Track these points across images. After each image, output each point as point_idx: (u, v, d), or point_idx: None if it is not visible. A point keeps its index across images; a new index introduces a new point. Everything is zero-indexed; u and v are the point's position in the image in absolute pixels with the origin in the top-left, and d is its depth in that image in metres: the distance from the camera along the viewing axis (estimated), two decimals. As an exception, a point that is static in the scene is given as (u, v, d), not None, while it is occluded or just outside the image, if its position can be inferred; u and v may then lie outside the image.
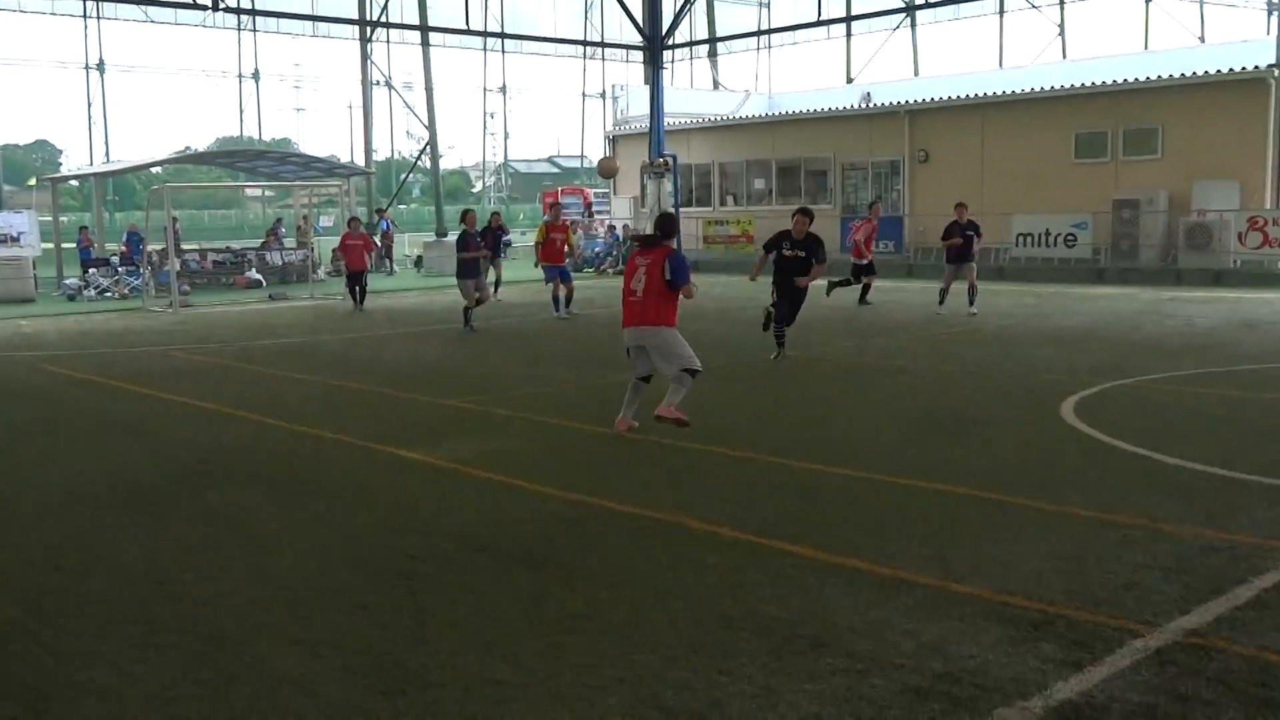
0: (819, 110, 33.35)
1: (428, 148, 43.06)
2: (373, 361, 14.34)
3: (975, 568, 5.52)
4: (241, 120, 44.56)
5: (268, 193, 43.23)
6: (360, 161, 42.49)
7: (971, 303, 17.68)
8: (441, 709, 4.11)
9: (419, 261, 34.35)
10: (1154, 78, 25.95)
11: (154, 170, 43.39)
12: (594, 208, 38.76)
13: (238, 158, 36.79)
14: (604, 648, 4.63)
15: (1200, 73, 25.29)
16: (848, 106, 33.42)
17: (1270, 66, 24.18)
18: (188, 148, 59.45)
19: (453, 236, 37.20)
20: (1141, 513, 6.37)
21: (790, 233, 12.98)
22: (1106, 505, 6.55)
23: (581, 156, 64.27)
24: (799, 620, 4.87)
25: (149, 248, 26.44)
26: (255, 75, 43.54)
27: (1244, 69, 24.54)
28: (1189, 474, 7.31)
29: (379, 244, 34.99)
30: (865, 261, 19.78)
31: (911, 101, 30.88)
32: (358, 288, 21.83)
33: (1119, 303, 19.66)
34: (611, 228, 34.06)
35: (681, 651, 4.58)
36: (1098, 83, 26.94)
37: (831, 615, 4.93)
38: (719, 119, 36.31)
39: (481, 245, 18.59)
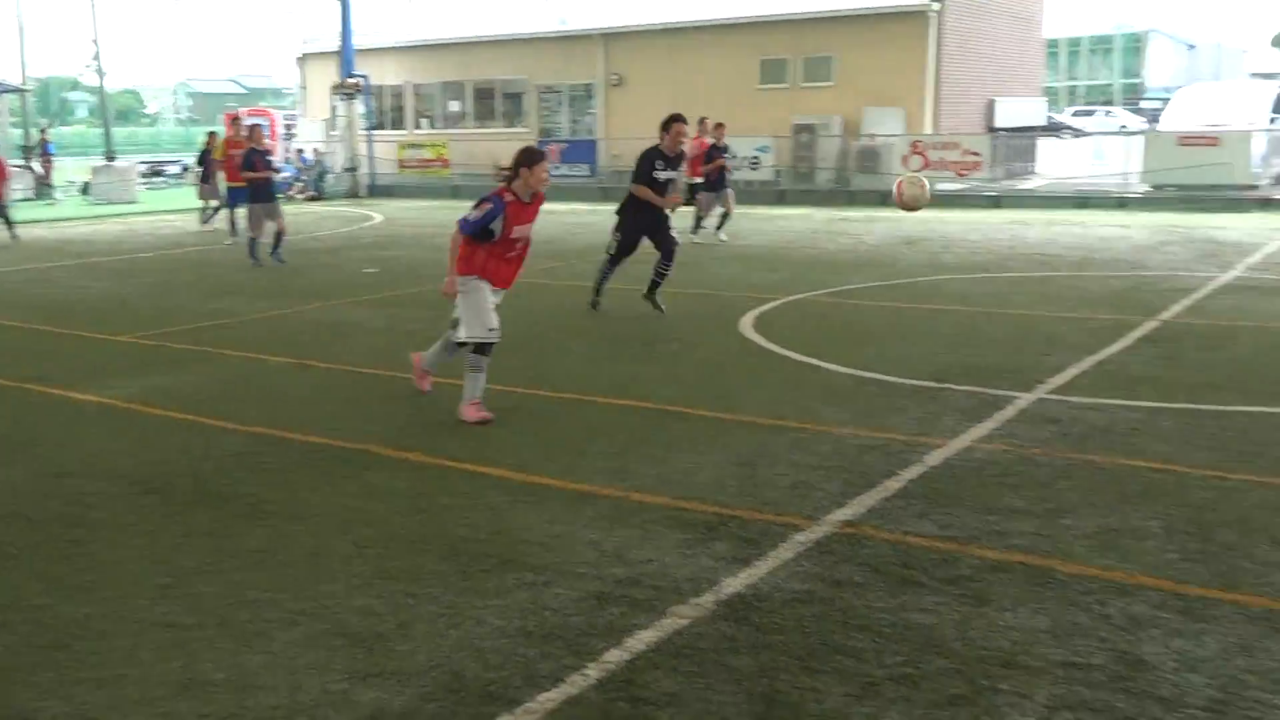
0: (514, 32, 33.05)
1: (93, 64, 39.58)
2: (31, 296, 13.18)
3: (657, 477, 5.76)
4: None
5: (-99, 111, 38.56)
6: (13, 78, 38.54)
7: (695, 231, 17.11)
8: (108, 658, 3.91)
9: (86, 188, 31.69)
10: (829, 9, 27.32)
11: None
12: (290, 131, 36.98)
13: None
14: (286, 582, 4.53)
15: (870, 5, 26.84)
16: (543, 29, 33.29)
17: (930, 0, 25.99)
18: None
19: (122, 161, 34.72)
20: (808, 417, 6.84)
21: (661, 149, 10.56)
22: (778, 412, 6.98)
23: (267, 76, 61.02)
24: (486, 539, 4.94)
25: None
26: (-122, -23, 38.46)
27: (908, 3, 26.25)
28: (852, 379, 7.89)
29: (38, 169, 32.07)
30: (700, 181, 17.90)
31: (606, 25, 31.14)
32: None
33: (797, 222, 20.79)
34: (300, 152, 32.62)
35: (368, 578, 4.55)
36: (780, 12, 28.09)
37: (518, 532, 5.02)
38: (412, 39, 35.31)
39: (271, 165, 15.94)
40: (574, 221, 20.48)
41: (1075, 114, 48.97)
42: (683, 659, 3.81)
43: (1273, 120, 24.55)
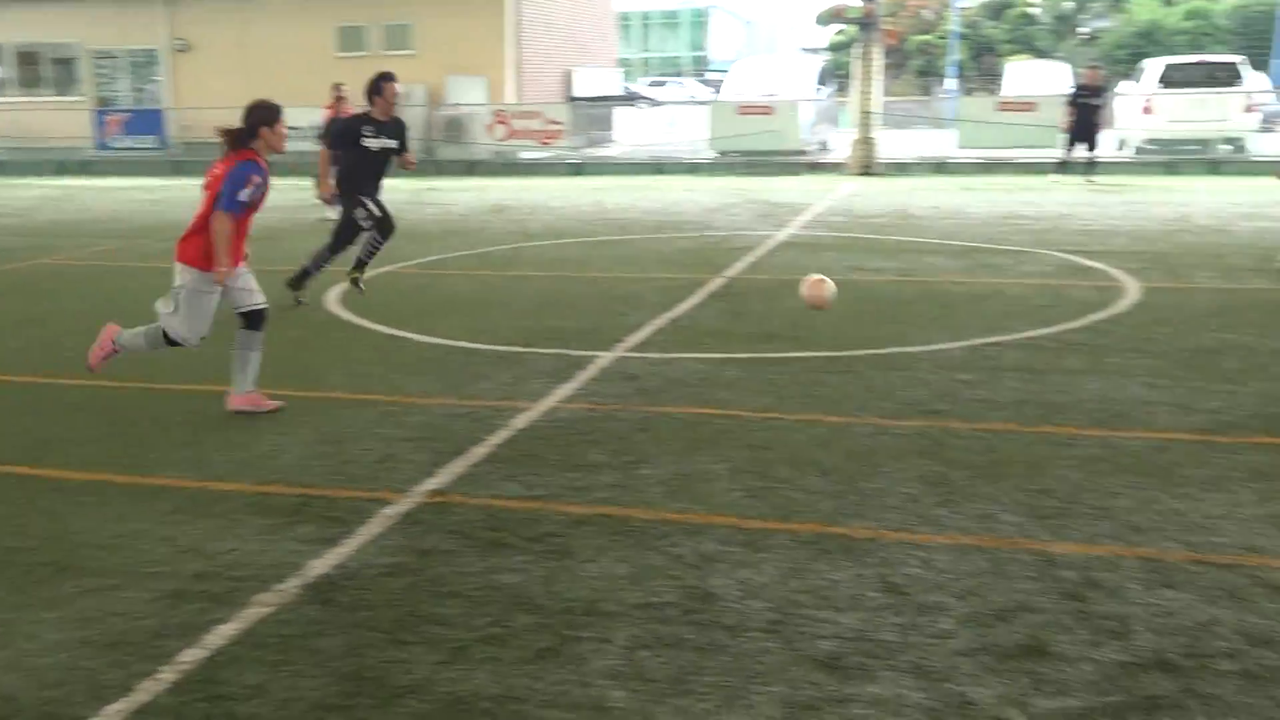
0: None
1: None
2: None
3: (238, 463, 5.50)
4: None
5: None
6: None
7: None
8: None
9: None
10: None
11: None
12: None
13: None
14: None
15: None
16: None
17: (504, -29, 26.35)
18: None
19: None
20: (396, 390, 6.78)
21: (371, 115, 9.55)
22: (365, 387, 6.86)
23: None
24: (40, 547, 4.50)
25: None
26: None
27: (482, -28, 26.48)
28: (440, 349, 7.90)
29: None
30: None
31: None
32: None
33: (387, 194, 20.40)
34: None
35: (-105, 606, 4.01)
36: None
37: (78, 536, 4.62)
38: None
39: None
40: (144, 198, 19.01)
41: (650, 84, 51.45)
42: (266, 649, 3.66)
43: (818, 91, 27.06)
